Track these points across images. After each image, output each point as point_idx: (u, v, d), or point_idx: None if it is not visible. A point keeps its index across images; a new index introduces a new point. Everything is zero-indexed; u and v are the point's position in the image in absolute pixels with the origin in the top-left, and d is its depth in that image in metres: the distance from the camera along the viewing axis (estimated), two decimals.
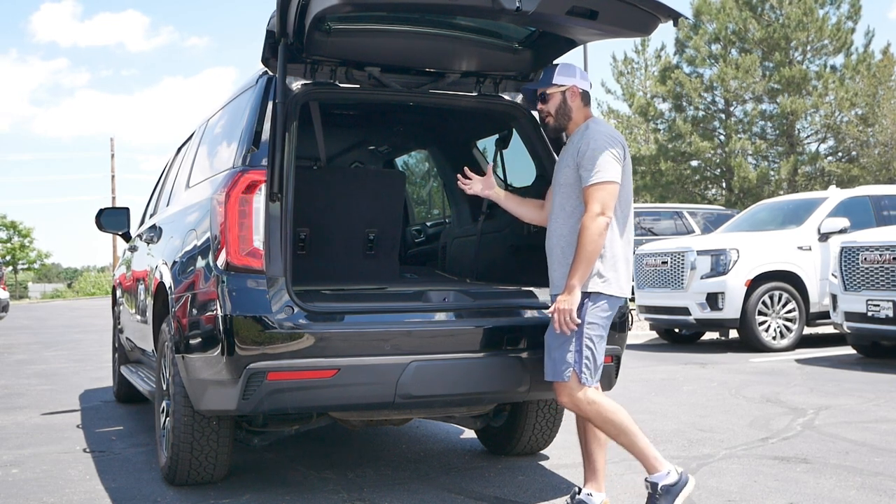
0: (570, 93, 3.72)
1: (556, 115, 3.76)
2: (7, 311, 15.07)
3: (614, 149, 3.54)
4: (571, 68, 3.77)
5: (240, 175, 3.71)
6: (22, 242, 54.15)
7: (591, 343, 3.52)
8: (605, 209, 3.47)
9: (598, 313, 3.54)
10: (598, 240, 3.44)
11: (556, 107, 3.75)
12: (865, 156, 27.88)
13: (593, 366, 3.53)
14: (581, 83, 3.74)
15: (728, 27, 28.63)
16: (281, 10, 3.68)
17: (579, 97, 3.74)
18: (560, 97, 3.74)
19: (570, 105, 3.73)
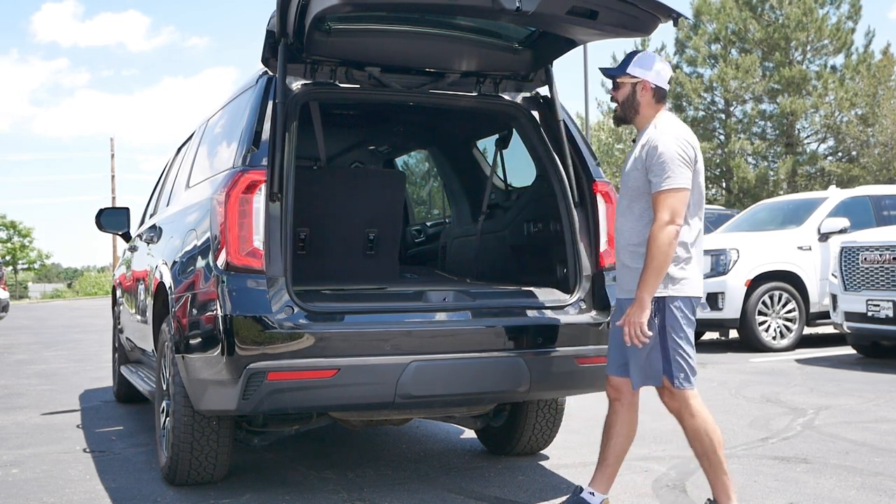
0: (641, 86, 3.55)
1: (623, 106, 3.61)
2: (7, 311, 15.07)
3: (684, 152, 3.41)
4: (650, 60, 3.56)
5: (240, 175, 3.71)
6: (22, 242, 54.17)
7: (679, 346, 3.43)
8: (675, 217, 3.35)
9: (678, 315, 3.44)
10: (668, 250, 3.34)
11: (624, 98, 3.59)
12: (865, 156, 27.87)
13: (688, 368, 3.45)
14: (656, 79, 3.54)
15: (728, 27, 28.63)
16: (281, 10, 3.68)
17: (651, 92, 3.55)
18: (630, 89, 3.57)
19: (638, 99, 3.56)
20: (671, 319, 3.42)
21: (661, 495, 4.04)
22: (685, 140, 3.45)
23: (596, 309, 4.10)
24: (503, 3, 3.41)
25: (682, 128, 3.52)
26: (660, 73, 3.55)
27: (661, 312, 3.42)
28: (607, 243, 4.20)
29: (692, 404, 3.46)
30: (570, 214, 4.21)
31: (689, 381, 3.45)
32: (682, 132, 3.48)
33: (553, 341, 3.96)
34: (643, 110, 3.57)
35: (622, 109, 3.61)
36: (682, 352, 3.44)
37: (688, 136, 3.48)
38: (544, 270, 4.45)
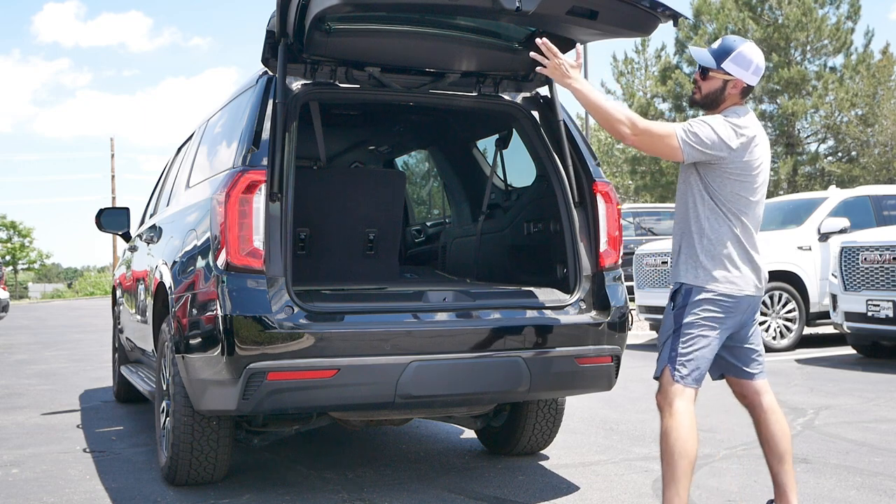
0: (732, 84, 3.37)
1: (705, 96, 3.42)
2: (7, 311, 15.06)
3: (726, 130, 3.24)
4: (750, 57, 3.34)
5: (240, 175, 3.71)
6: (22, 242, 54.17)
7: (690, 342, 3.27)
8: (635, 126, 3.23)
9: (698, 311, 3.29)
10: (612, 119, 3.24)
11: (711, 91, 3.40)
12: (865, 156, 27.87)
13: (690, 366, 3.27)
14: (750, 78, 3.36)
15: (728, 27, 28.61)
16: (281, 10, 3.68)
17: (740, 91, 3.39)
18: (720, 84, 3.38)
19: (725, 95, 3.39)
20: (690, 313, 3.29)
21: (661, 495, 4.03)
22: (731, 125, 3.27)
23: (596, 309, 4.10)
24: (503, 3, 3.41)
25: (739, 117, 3.33)
26: (758, 70, 3.37)
27: (687, 302, 3.31)
28: (607, 243, 4.20)
29: (677, 403, 3.27)
30: (570, 214, 4.21)
31: (685, 379, 3.28)
32: (737, 119, 3.31)
33: (553, 341, 3.95)
34: (724, 105, 3.41)
35: (703, 99, 3.43)
36: (692, 348, 3.27)
37: (741, 124, 3.29)
38: (544, 270, 4.45)
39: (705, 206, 3.36)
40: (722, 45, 3.38)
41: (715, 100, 3.41)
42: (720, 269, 3.31)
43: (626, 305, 4.16)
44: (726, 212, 3.33)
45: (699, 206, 3.37)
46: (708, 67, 3.38)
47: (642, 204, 25.26)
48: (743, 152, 3.29)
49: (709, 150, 3.26)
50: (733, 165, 3.30)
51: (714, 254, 3.32)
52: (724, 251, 3.32)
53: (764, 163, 3.38)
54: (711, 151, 3.26)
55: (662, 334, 3.41)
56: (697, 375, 3.30)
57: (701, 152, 3.27)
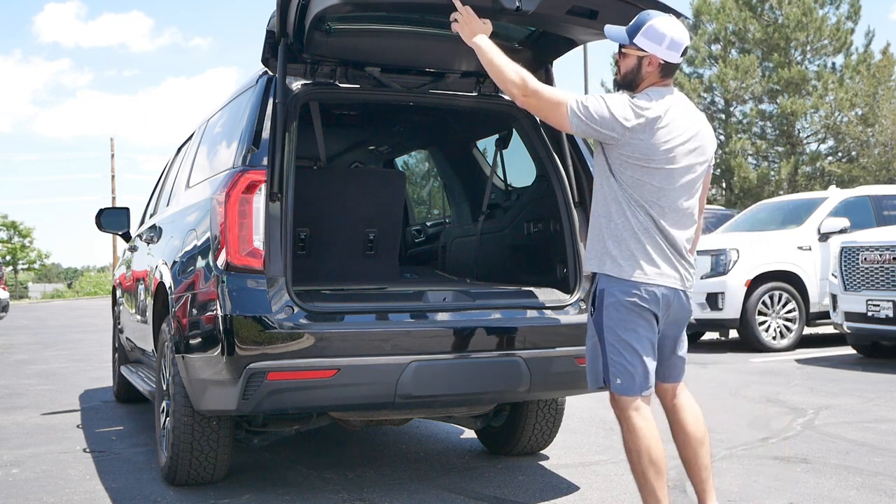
0: (647, 61, 3.19)
1: (623, 76, 3.26)
2: (7, 311, 15.06)
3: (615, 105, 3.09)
4: (662, 30, 3.16)
5: (240, 175, 3.71)
6: (22, 243, 54.18)
7: (616, 347, 3.16)
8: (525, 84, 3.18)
9: (611, 313, 3.17)
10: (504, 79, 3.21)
11: (627, 69, 3.24)
12: (865, 156, 27.87)
13: (623, 374, 3.17)
14: (665, 54, 3.16)
15: (728, 27, 28.64)
16: (281, 9, 3.68)
17: (658, 68, 3.19)
18: (635, 61, 3.22)
19: (642, 74, 3.21)
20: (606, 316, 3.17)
21: None
22: (639, 106, 3.11)
23: None
24: (503, 2, 3.41)
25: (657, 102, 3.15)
26: (673, 44, 3.16)
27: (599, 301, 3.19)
28: None
29: (630, 416, 3.18)
30: (570, 214, 4.21)
31: (623, 388, 3.17)
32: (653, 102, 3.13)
33: (553, 341, 3.96)
34: (643, 84, 3.23)
35: (622, 79, 3.27)
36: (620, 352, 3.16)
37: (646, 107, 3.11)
38: (544, 270, 4.45)
39: (611, 188, 3.21)
40: (636, 21, 3.22)
41: (633, 79, 3.23)
42: (628, 259, 3.16)
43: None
44: (629, 199, 3.17)
45: (605, 187, 3.24)
46: (621, 44, 3.24)
47: None
48: (641, 134, 3.10)
49: (597, 126, 3.10)
50: (630, 148, 3.12)
51: (620, 240, 3.18)
52: (630, 242, 3.17)
53: (679, 149, 3.16)
54: (600, 128, 3.10)
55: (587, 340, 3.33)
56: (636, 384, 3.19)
57: (589, 126, 3.11)
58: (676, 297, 3.24)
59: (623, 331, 3.17)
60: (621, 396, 3.20)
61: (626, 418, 3.21)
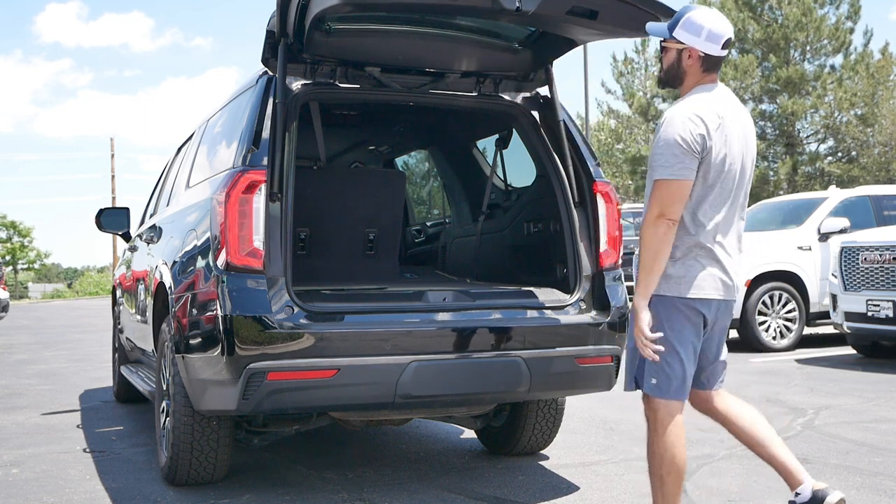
0: (687, 53, 3.12)
1: (666, 72, 3.21)
2: (7, 311, 15.05)
3: (690, 136, 2.98)
4: (697, 24, 3.08)
5: (240, 175, 3.71)
6: (22, 242, 54.17)
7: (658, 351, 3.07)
8: (665, 210, 2.98)
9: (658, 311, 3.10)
10: (658, 247, 3.00)
11: (669, 65, 3.18)
12: (865, 156, 27.88)
13: (660, 376, 3.11)
14: (704, 45, 3.08)
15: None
16: (281, 10, 3.68)
17: (699, 61, 3.11)
18: (675, 55, 3.15)
19: (683, 67, 3.14)
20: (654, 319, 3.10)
21: None
22: (695, 119, 3.01)
23: (596, 309, 4.10)
24: (503, 3, 3.41)
25: (701, 104, 3.07)
26: (712, 36, 3.08)
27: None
28: (607, 243, 4.20)
29: (660, 415, 3.12)
30: (571, 214, 4.21)
31: (659, 391, 3.13)
32: (698, 108, 3.04)
33: (553, 341, 3.96)
34: (688, 80, 3.15)
35: (665, 74, 3.22)
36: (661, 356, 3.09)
37: (707, 115, 3.03)
38: (544, 270, 4.45)
39: None
40: (676, 15, 3.17)
41: (676, 75, 3.17)
42: (682, 271, 3.10)
43: (626, 305, 4.15)
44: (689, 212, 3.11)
45: None
46: (661, 37, 3.18)
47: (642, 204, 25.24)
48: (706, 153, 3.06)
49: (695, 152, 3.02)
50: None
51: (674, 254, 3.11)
52: (686, 255, 3.12)
53: (734, 152, 3.11)
54: (699, 154, 3.03)
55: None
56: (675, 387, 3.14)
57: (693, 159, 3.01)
58: (726, 304, 3.22)
59: (668, 331, 3.10)
60: (654, 398, 3.14)
61: (656, 420, 3.14)
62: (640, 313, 3.05)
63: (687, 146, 2.99)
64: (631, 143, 35.14)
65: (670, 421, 3.13)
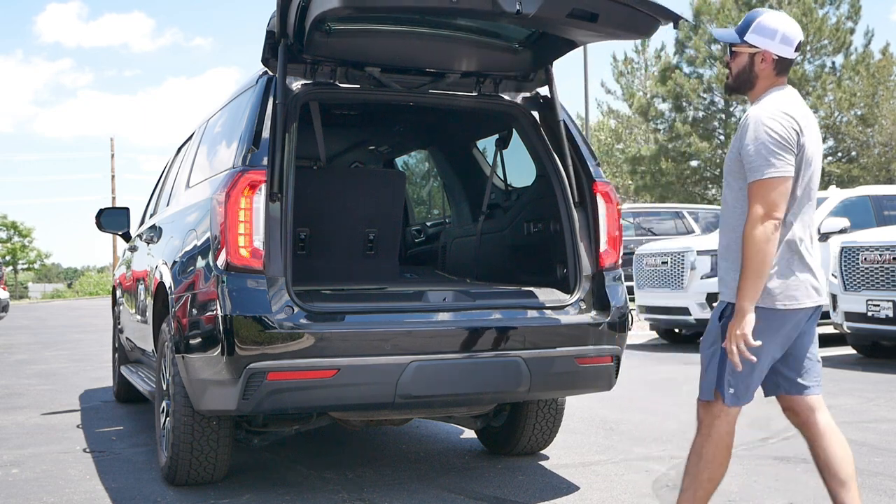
0: (760, 57, 3.04)
1: (736, 77, 3.12)
2: (7, 311, 15.07)
3: (785, 131, 2.90)
4: (771, 28, 3.02)
5: (240, 175, 3.71)
6: (22, 243, 54.18)
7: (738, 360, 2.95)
8: (772, 210, 2.87)
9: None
10: (765, 248, 2.86)
11: (739, 69, 3.10)
12: (865, 156, 27.87)
13: (739, 386, 3.02)
14: (779, 48, 3.02)
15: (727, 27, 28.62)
16: (281, 11, 3.68)
17: (772, 64, 3.04)
18: (747, 59, 3.07)
19: (755, 71, 3.06)
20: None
21: (661, 495, 4.04)
22: (786, 116, 2.93)
23: (596, 309, 4.10)
24: (503, 6, 3.41)
25: (787, 102, 3.00)
26: (786, 39, 3.03)
27: (730, 317, 2.98)
28: (607, 243, 4.20)
29: (719, 423, 3.05)
30: (570, 215, 4.21)
31: (734, 400, 3.03)
32: (786, 106, 2.97)
33: (553, 341, 3.96)
34: (760, 84, 3.08)
35: (735, 81, 3.13)
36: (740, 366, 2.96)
37: (794, 113, 2.96)
38: (544, 270, 4.45)
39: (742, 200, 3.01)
40: (745, 19, 3.12)
41: (747, 79, 3.09)
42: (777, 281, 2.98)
43: (626, 305, 4.16)
44: None
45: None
46: (731, 42, 3.11)
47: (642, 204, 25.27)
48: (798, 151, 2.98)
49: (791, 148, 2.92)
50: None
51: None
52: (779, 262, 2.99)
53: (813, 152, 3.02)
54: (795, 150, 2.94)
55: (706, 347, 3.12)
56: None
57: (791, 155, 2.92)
58: (816, 310, 3.10)
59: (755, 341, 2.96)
60: (718, 405, 3.04)
61: (712, 426, 3.06)
62: (745, 317, 2.90)
63: (784, 142, 2.91)
64: (631, 143, 35.16)
65: (727, 429, 3.07)
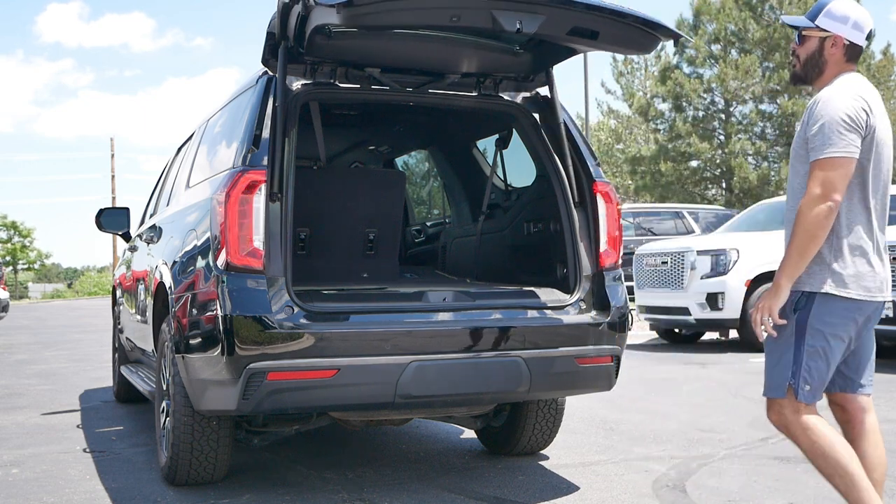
0: (830, 42, 2.98)
1: (805, 63, 3.04)
2: (7, 311, 15.06)
3: (851, 113, 2.82)
4: (843, 14, 2.96)
5: (240, 175, 3.71)
6: (22, 243, 54.20)
7: (816, 354, 2.89)
8: (830, 191, 2.78)
9: (826, 319, 2.89)
10: (815, 230, 2.80)
11: (809, 54, 3.02)
12: None
13: (815, 382, 2.92)
14: (851, 34, 2.96)
15: (728, 27, 28.63)
16: (282, 16, 3.69)
17: (843, 50, 2.98)
18: (817, 44, 3.00)
19: (825, 56, 2.99)
20: (817, 321, 2.89)
21: (661, 495, 4.04)
22: (856, 97, 2.86)
23: (596, 309, 4.10)
24: (504, 24, 3.43)
25: (858, 86, 2.92)
26: (858, 25, 2.97)
27: (807, 309, 2.90)
28: (607, 243, 4.20)
29: (804, 419, 2.95)
30: (571, 214, 4.21)
31: (809, 396, 2.94)
32: (859, 89, 2.90)
33: (553, 341, 3.96)
34: (828, 70, 3.01)
35: (802, 67, 3.05)
36: (816, 361, 2.90)
37: (865, 95, 2.89)
38: (544, 270, 4.45)
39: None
40: (816, 5, 3.05)
41: (816, 65, 3.01)
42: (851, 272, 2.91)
43: (626, 305, 4.16)
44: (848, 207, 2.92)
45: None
46: (799, 27, 3.04)
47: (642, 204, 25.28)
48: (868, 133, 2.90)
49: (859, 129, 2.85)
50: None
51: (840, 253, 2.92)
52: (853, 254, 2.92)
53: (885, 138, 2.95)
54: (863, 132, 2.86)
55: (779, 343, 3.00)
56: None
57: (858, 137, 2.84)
58: (883, 304, 3.04)
59: (831, 336, 2.91)
60: (801, 403, 2.95)
61: (804, 424, 2.96)
62: (780, 293, 2.87)
63: (853, 122, 2.83)
64: (631, 143, 35.15)
65: (817, 420, 2.96)
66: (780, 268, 2.89)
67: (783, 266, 2.89)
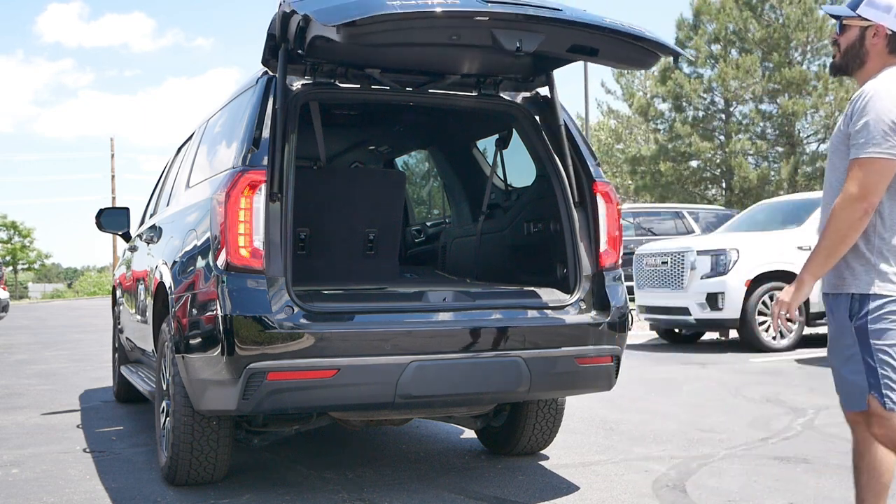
0: (872, 31, 2.89)
1: (845, 53, 2.95)
2: (7, 311, 15.06)
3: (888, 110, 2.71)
4: (886, 3, 2.87)
5: (240, 175, 3.71)
6: (22, 243, 54.20)
7: (890, 357, 2.76)
8: (867, 193, 2.70)
9: (891, 319, 2.78)
10: (847, 230, 2.73)
11: (849, 44, 2.94)
12: None
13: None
14: (894, 23, 2.86)
15: (728, 27, 28.63)
16: (282, 22, 3.70)
17: (885, 40, 2.88)
18: (857, 34, 2.92)
19: (866, 47, 2.90)
20: (880, 323, 2.77)
21: (661, 495, 4.04)
22: None
23: (596, 309, 4.10)
24: (503, 43, 3.45)
25: None
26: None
27: (864, 314, 2.80)
28: (607, 243, 4.20)
29: (882, 434, 2.80)
30: (571, 214, 4.21)
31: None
32: None
33: (553, 341, 3.96)
34: (871, 62, 2.91)
35: (843, 58, 2.97)
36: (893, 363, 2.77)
37: None
38: (544, 270, 4.45)
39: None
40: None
41: (856, 55, 2.92)
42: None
43: (626, 305, 4.16)
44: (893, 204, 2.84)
45: None
46: (840, 16, 2.95)
47: (642, 204, 25.27)
48: None
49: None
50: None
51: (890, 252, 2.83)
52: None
53: None
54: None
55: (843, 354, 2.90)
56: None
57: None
58: None
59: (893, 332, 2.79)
60: (892, 413, 2.78)
61: (887, 437, 2.82)
62: (803, 290, 2.84)
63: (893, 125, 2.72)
64: (631, 143, 35.15)
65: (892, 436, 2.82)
66: (805, 264, 2.86)
67: (809, 263, 2.85)
